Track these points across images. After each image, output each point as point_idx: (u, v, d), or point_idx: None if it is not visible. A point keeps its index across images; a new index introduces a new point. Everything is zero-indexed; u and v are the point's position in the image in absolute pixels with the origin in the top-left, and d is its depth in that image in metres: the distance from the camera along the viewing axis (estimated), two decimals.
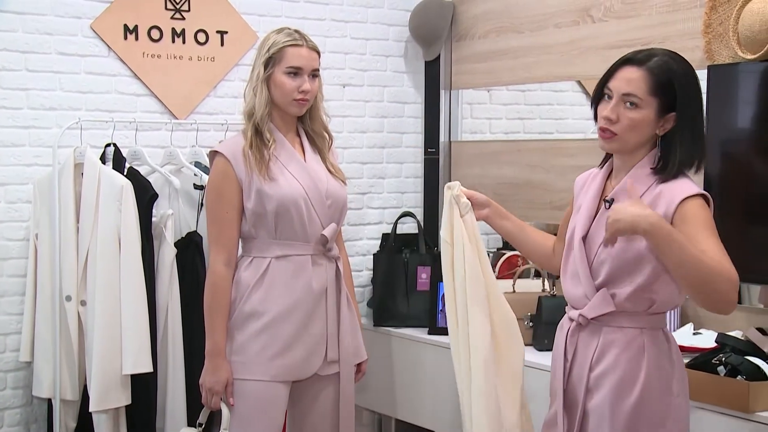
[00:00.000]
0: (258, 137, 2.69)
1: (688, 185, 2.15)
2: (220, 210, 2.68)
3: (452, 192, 2.43)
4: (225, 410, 2.67)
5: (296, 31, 2.73)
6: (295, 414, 2.82)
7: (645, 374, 2.16)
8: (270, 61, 2.68)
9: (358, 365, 2.89)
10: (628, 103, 2.16)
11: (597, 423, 2.20)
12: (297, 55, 2.68)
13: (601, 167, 2.34)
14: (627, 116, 2.16)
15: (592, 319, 2.23)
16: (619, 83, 2.17)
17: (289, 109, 2.72)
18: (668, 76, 2.14)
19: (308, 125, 2.80)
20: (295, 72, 2.68)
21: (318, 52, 2.75)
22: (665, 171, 2.17)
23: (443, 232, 2.46)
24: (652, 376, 2.16)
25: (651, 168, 2.19)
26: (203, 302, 2.71)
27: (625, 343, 2.19)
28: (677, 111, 2.15)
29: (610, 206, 2.20)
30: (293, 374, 2.71)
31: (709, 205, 2.15)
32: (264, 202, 2.66)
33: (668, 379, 2.19)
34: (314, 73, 2.72)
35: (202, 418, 2.75)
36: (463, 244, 2.42)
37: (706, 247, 2.04)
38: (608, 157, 2.32)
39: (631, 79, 2.16)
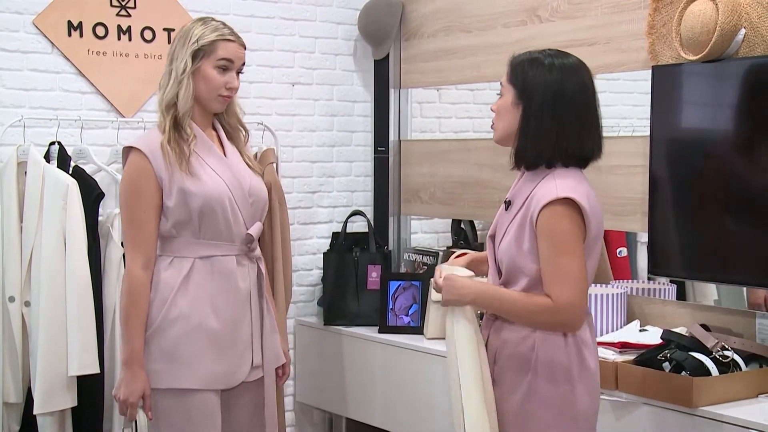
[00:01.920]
0: (176, 131, 2.55)
1: (553, 187, 2.15)
2: (137, 210, 2.52)
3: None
4: (142, 419, 2.55)
5: (224, 25, 2.63)
6: (230, 424, 2.65)
7: (531, 376, 2.18)
8: (199, 53, 2.56)
9: (282, 368, 2.78)
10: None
11: (499, 412, 2.25)
12: (231, 50, 2.59)
13: None
14: (495, 104, 2.30)
15: (491, 314, 2.30)
16: None
17: (212, 104, 2.61)
18: (519, 64, 2.26)
19: (224, 120, 2.70)
20: (226, 66, 2.58)
21: (245, 48, 2.66)
22: (517, 163, 2.25)
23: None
24: (539, 379, 2.18)
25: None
26: (120, 307, 2.55)
27: (516, 342, 2.22)
28: (522, 100, 2.22)
29: (507, 208, 2.28)
30: (224, 381, 2.58)
31: (579, 208, 2.13)
32: (188, 201, 2.52)
33: (562, 379, 2.18)
34: (241, 70, 2.64)
35: (125, 426, 2.62)
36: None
37: (545, 269, 2.14)
38: None
39: None
